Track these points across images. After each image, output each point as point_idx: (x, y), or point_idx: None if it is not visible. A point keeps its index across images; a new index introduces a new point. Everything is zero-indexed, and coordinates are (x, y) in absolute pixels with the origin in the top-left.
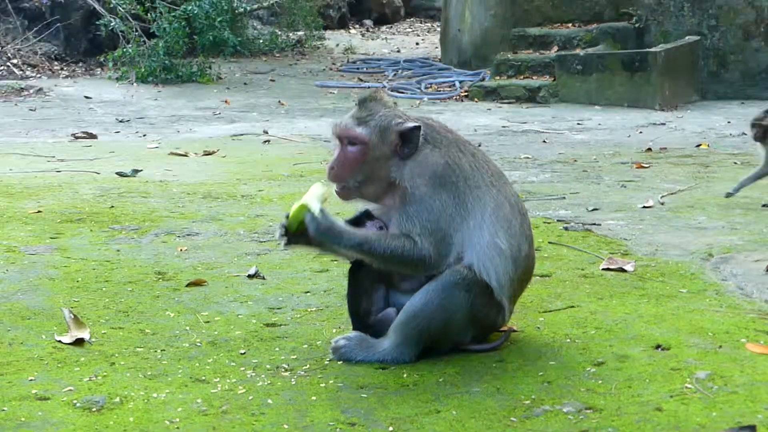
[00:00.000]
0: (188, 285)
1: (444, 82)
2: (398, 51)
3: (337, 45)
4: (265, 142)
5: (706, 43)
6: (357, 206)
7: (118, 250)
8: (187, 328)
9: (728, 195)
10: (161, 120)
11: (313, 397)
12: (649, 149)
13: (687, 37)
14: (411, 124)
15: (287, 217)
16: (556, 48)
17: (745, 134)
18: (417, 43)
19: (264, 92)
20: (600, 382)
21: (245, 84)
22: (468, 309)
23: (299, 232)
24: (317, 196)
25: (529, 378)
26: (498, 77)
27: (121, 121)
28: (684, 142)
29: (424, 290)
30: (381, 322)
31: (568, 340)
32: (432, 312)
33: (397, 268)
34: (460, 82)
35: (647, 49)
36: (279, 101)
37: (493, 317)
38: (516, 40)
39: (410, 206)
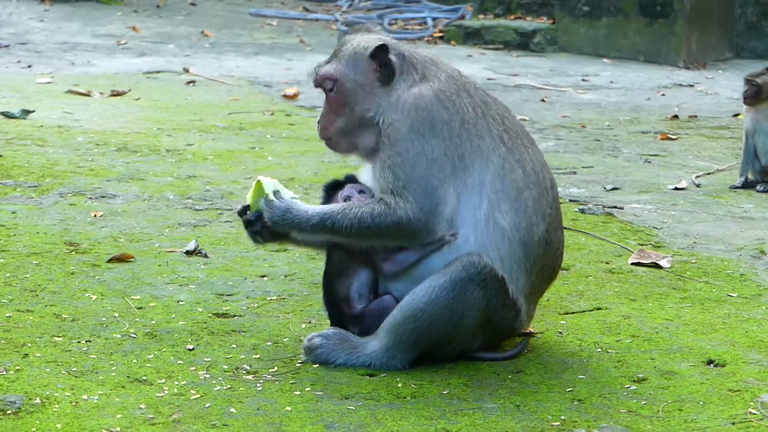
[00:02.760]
0: (110, 260)
1: (413, 18)
2: None
3: None
4: (189, 83)
5: None
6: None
7: (14, 213)
8: (116, 314)
9: (735, 188)
10: (50, 47)
11: (288, 408)
12: (676, 116)
13: None
14: (376, 44)
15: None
16: None
17: None
18: None
19: (182, 19)
20: (643, 402)
21: (158, 7)
22: (482, 311)
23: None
24: (271, 184)
25: (554, 394)
26: (483, 15)
27: None
28: (718, 109)
29: (428, 284)
30: (373, 312)
31: (599, 350)
32: (437, 313)
33: (377, 241)
34: (434, 19)
35: None
36: (202, 32)
37: (509, 321)
38: None
39: (384, 152)
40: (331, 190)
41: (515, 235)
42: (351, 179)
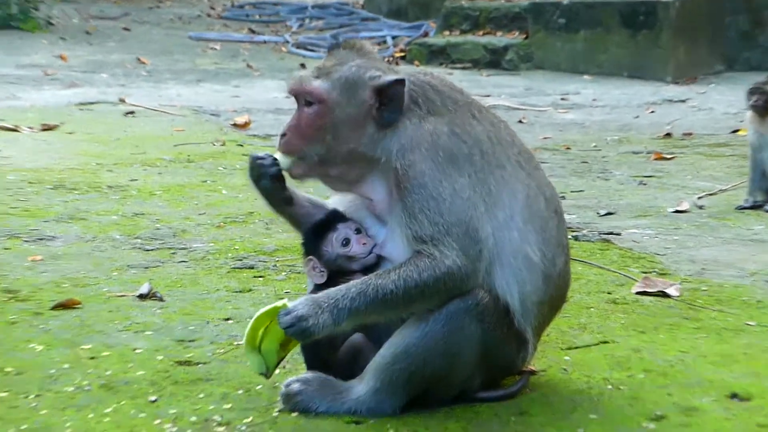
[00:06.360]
0: (55, 307)
1: (371, 38)
2: None
3: None
4: (127, 114)
5: None
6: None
7: None
8: (66, 365)
9: (742, 208)
10: None
11: None
12: (669, 134)
13: None
14: (391, 77)
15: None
16: None
17: None
18: None
19: (115, 45)
20: None
21: (87, 33)
22: (479, 345)
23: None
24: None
25: None
26: (448, 32)
27: None
28: (714, 126)
29: (419, 318)
30: (350, 353)
31: (610, 387)
32: (430, 349)
33: (421, 304)
34: (394, 37)
35: None
36: (138, 58)
37: (511, 356)
38: None
39: (409, 196)
40: (318, 233)
41: (540, 268)
42: (338, 217)
